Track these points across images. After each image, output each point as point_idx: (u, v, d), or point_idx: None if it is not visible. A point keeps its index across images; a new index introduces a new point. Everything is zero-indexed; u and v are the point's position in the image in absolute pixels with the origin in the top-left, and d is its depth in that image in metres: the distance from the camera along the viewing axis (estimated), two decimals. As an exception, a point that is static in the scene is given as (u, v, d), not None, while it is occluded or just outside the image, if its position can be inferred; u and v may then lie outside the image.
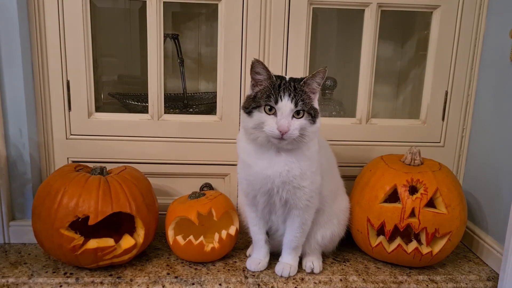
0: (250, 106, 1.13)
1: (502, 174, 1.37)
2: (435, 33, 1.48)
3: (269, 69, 1.12)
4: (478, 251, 1.45)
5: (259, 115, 1.11)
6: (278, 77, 1.14)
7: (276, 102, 1.09)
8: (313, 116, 1.13)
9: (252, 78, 1.14)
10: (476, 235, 1.47)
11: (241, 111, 1.16)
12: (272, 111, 1.10)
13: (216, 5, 1.41)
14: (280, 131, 1.08)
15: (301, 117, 1.11)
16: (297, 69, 1.45)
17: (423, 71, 1.55)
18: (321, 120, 1.17)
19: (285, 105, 1.09)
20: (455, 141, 1.56)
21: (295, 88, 1.11)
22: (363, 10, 1.45)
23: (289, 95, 1.09)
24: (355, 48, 1.53)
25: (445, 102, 1.53)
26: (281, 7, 1.41)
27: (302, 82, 1.13)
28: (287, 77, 1.16)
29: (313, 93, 1.15)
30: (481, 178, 1.49)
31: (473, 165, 1.54)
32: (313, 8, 1.43)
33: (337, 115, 1.68)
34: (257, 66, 1.12)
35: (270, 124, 1.10)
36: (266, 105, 1.10)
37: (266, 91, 1.11)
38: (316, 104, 1.16)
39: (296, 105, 1.10)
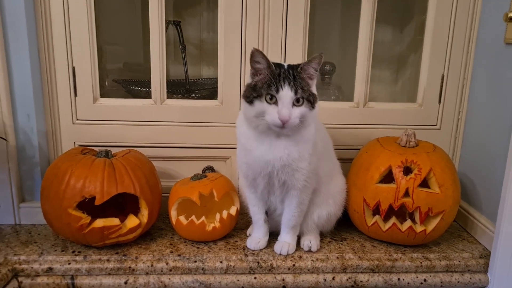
0: (251, 95, 1.14)
1: (496, 155, 1.39)
2: (432, 17, 1.50)
3: (268, 58, 1.13)
4: (473, 230, 1.49)
5: (260, 105, 1.13)
6: (277, 65, 1.15)
7: (277, 91, 1.11)
8: (312, 102, 1.16)
9: (252, 67, 1.15)
10: (471, 215, 1.50)
11: (242, 99, 1.18)
12: (273, 100, 1.12)
13: (216, -10, 1.43)
14: (282, 120, 1.11)
15: (301, 104, 1.13)
16: (296, 52, 1.47)
17: (421, 55, 1.57)
18: (319, 104, 1.20)
19: (286, 94, 1.11)
20: (451, 123, 1.58)
21: (293, 76, 1.13)
22: (361, -7, 1.47)
23: (289, 83, 1.11)
24: (354, 32, 1.54)
25: (442, 86, 1.55)
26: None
27: (299, 68, 1.15)
28: (286, 64, 1.17)
29: (310, 79, 1.17)
30: (476, 159, 1.52)
31: (469, 147, 1.56)
32: (311, -8, 1.45)
33: (336, 100, 1.70)
34: (256, 55, 1.13)
35: (272, 113, 1.12)
36: (267, 94, 1.12)
37: (266, 80, 1.13)
38: (314, 90, 1.18)
39: (296, 93, 1.12)
